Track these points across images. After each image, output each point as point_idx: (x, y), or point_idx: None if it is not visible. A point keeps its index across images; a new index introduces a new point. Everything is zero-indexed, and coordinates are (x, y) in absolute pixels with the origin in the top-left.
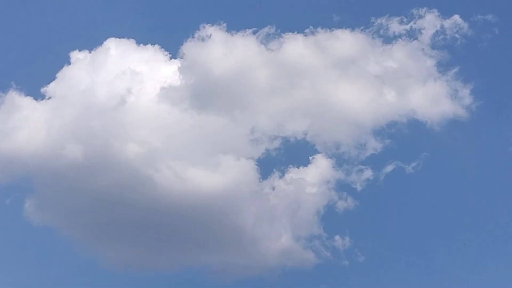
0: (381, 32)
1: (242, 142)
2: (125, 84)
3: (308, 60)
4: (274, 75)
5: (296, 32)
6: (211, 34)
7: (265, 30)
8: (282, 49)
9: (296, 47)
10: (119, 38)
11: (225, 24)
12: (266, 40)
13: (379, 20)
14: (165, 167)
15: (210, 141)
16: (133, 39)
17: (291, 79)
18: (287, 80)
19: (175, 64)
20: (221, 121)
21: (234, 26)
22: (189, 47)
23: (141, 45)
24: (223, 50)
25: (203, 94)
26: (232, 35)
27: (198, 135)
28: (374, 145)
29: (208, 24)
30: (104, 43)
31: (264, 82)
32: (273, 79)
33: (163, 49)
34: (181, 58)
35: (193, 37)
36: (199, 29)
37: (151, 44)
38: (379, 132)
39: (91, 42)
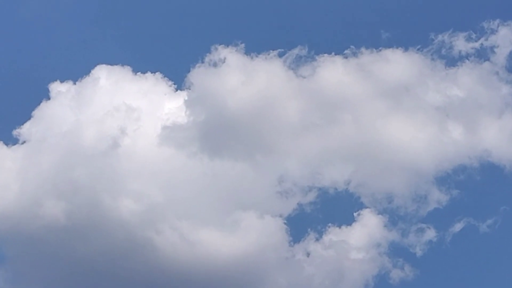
0: (443, 51)
1: (268, 195)
2: (118, 123)
3: (350, 88)
4: (306, 108)
5: (333, 53)
6: (225, 58)
7: (295, 51)
8: (316, 75)
9: (334, 72)
10: (111, 65)
11: (243, 45)
12: (295, 64)
13: (440, 37)
14: (169, 228)
15: (226, 194)
16: (128, 66)
17: (328, 112)
18: (323, 114)
19: (181, 96)
20: (240, 168)
21: (254, 47)
22: (198, 75)
23: (139, 73)
24: (241, 78)
25: (217, 134)
26: (252, 58)
27: (211, 187)
28: (438, 197)
29: (221, 45)
30: (92, 71)
31: (294, 117)
32: (305, 113)
33: (165, 78)
34: (188, 88)
35: (202, 62)
36: (210, 52)
37: (151, 72)
38: (444, 180)
39: (76, 71)
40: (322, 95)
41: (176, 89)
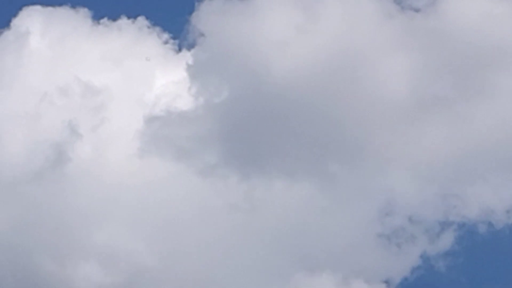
0: None
1: (359, 241)
2: (64, 117)
3: (502, 30)
4: (424, 71)
5: None
6: None
7: None
8: (438, 7)
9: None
10: (49, 6)
11: None
12: None
13: None
14: None
15: (276, 246)
16: (84, 8)
17: (466, 76)
18: (457, 80)
19: (181, 59)
20: (299, 192)
21: None
22: (210, 17)
23: (103, 20)
24: (296, 16)
25: (250, 129)
26: None
27: (247, 232)
28: None
29: None
30: (15, 20)
31: (402, 89)
32: (423, 79)
33: (155, 26)
34: (191, 45)
35: None
36: None
37: (127, 18)
38: None
39: None
40: (452, 42)
41: (179, 47)
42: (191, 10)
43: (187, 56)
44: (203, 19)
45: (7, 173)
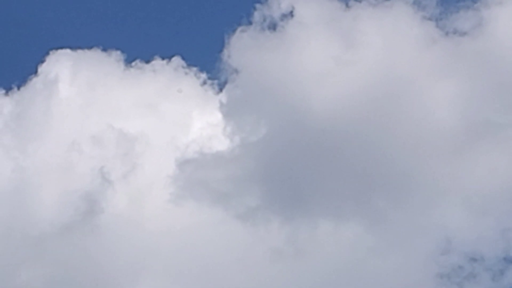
0: None
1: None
2: (99, 166)
3: None
4: (475, 96)
5: None
6: (293, 8)
7: None
8: (485, 28)
9: None
10: (78, 49)
11: None
12: (439, 13)
13: None
14: None
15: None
16: (117, 51)
17: None
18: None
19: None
20: (349, 236)
21: None
22: (242, 52)
23: (136, 62)
24: (336, 47)
25: (291, 168)
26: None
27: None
28: None
29: None
30: (41, 67)
31: (452, 116)
32: (474, 103)
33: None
34: (223, 82)
35: (249, 23)
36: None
37: (161, 58)
38: None
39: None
40: (500, 64)
41: (219, 88)
42: (222, 45)
43: (219, 96)
44: (235, 54)
45: (38, 227)
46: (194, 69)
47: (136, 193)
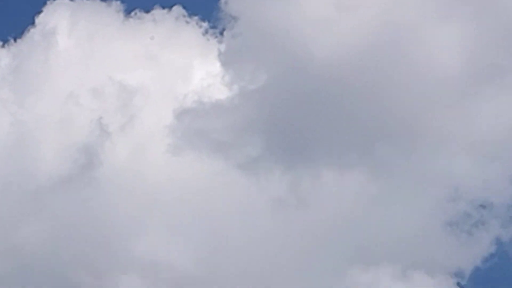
0: None
1: (423, 232)
2: (96, 119)
3: None
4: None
5: None
6: None
7: None
8: None
9: None
10: None
11: None
12: None
13: None
14: None
15: (340, 238)
16: (116, 1)
17: None
18: None
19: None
20: (353, 183)
21: None
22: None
23: (134, 12)
24: None
25: (293, 117)
26: None
27: (298, 234)
28: None
29: None
30: (38, 17)
31: (459, 63)
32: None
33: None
34: (222, 28)
35: None
36: None
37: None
38: None
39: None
40: (505, 7)
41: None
42: None
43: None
44: (233, 1)
45: (37, 180)
46: (196, 18)
47: (135, 145)
